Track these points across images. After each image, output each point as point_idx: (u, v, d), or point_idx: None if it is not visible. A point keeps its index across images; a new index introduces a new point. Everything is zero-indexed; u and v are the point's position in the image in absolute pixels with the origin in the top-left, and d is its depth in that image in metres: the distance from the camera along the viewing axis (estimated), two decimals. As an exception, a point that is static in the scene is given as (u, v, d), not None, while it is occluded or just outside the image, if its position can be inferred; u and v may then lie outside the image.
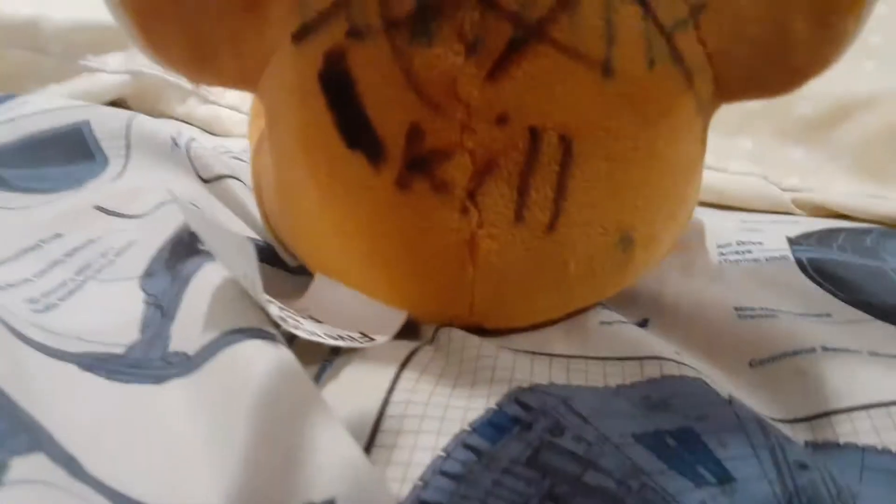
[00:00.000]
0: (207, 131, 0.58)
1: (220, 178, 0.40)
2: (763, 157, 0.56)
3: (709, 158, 0.56)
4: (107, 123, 0.43)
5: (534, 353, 0.28)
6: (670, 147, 0.27)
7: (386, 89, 0.25)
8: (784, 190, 0.54)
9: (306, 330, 0.24)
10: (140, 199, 0.38)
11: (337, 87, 0.25)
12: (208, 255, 0.29)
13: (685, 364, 0.27)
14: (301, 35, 0.26)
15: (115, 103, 0.55)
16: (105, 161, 0.42)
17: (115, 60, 0.56)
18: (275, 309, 0.24)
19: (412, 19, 0.24)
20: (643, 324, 0.33)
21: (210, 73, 0.28)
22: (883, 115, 0.55)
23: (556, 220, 0.26)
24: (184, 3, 0.26)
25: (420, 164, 0.25)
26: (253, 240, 0.37)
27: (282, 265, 0.35)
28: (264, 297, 0.24)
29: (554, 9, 0.24)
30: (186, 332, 0.24)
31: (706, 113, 0.28)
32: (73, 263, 0.31)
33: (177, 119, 0.59)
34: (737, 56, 0.26)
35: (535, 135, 0.25)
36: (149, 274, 0.31)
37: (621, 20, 0.24)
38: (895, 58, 0.62)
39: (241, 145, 0.51)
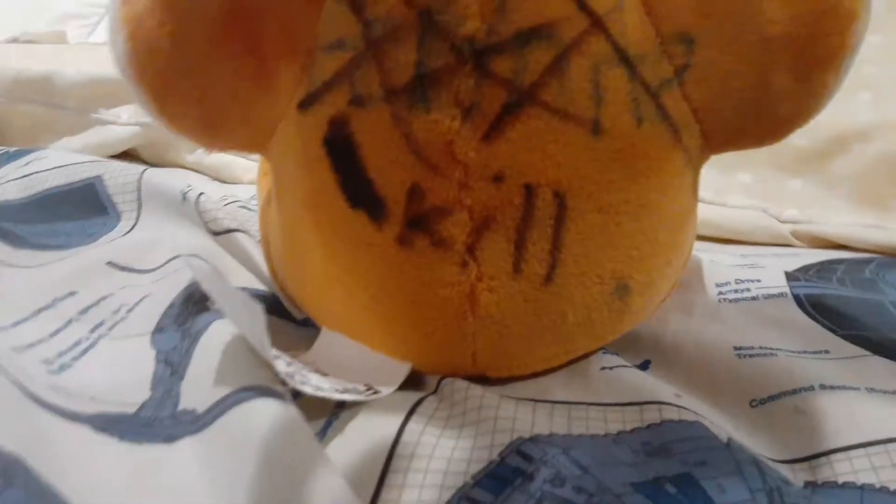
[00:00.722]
0: (217, 178, 0.60)
1: (228, 231, 0.42)
2: (762, 190, 0.57)
3: (708, 193, 0.57)
4: (118, 178, 0.44)
5: (536, 400, 0.28)
6: (662, 199, 0.27)
7: (387, 152, 0.26)
8: (783, 222, 0.55)
9: (313, 385, 0.25)
10: (151, 253, 0.39)
11: (341, 151, 0.26)
12: (218, 312, 0.30)
13: (684, 408, 0.27)
14: (307, 103, 0.27)
15: (127, 153, 0.56)
16: (117, 215, 0.43)
17: (126, 112, 0.58)
18: (282, 364, 0.25)
19: (411, 88, 0.25)
20: (645, 366, 0.33)
21: (220, 139, 0.30)
22: (879, 146, 0.56)
23: (553, 271, 0.27)
24: (197, 76, 0.27)
25: (420, 221, 0.26)
26: (261, 292, 0.38)
27: (289, 317, 0.36)
28: (272, 354, 0.25)
29: (544, 74, 0.25)
30: (196, 390, 0.25)
31: (695, 165, 0.29)
32: (86, 321, 0.32)
33: (187, 167, 0.60)
34: (722, 111, 0.27)
35: (530, 191, 0.26)
36: (160, 330, 0.31)
37: (608, 82, 0.25)
38: (890, 88, 0.63)
39: (249, 192, 0.53)
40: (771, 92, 0.27)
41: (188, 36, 0.27)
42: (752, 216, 0.55)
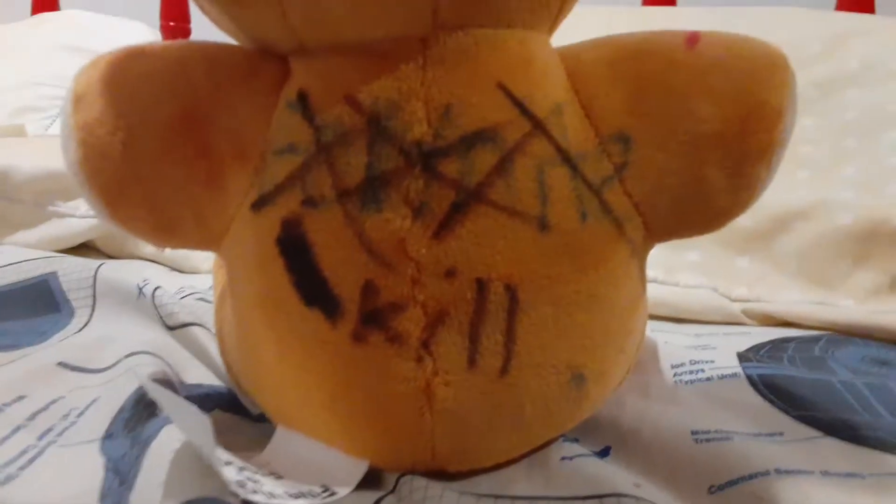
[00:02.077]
0: (175, 269, 0.59)
1: (185, 325, 0.41)
2: (711, 269, 0.59)
3: (659, 273, 0.59)
4: (73, 274, 0.44)
5: (496, 496, 0.28)
6: (610, 289, 0.28)
7: (340, 251, 0.26)
8: (734, 300, 0.56)
9: (265, 493, 0.25)
10: (104, 351, 0.39)
11: (294, 250, 0.27)
12: (168, 418, 0.29)
13: (644, 499, 0.27)
14: (259, 205, 0.27)
15: (85, 245, 0.56)
16: (71, 312, 0.43)
17: (84, 205, 0.58)
18: (233, 472, 0.25)
19: (362, 189, 0.26)
20: (605, 452, 0.33)
21: (174, 240, 0.30)
22: (819, 224, 0.58)
23: (508, 364, 0.27)
24: (149, 182, 0.28)
25: (375, 317, 0.26)
26: (216, 388, 0.37)
27: (245, 413, 0.35)
28: (223, 461, 0.24)
29: (490, 174, 0.26)
30: (145, 501, 0.25)
31: (640, 254, 0.30)
32: (34, 428, 0.31)
33: (145, 259, 0.60)
34: (660, 204, 0.28)
35: (481, 286, 0.26)
36: (109, 436, 0.31)
37: (552, 181, 0.26)
38: (826, 166, 0.66)
39: (207, 283, 0.52)
40: (706, 186, 0.28)
41: (139, 143, 0.27)
42: (703, 295, 0.56)
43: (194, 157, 0.28)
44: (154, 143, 0.27)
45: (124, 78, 0.28)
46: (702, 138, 0.28)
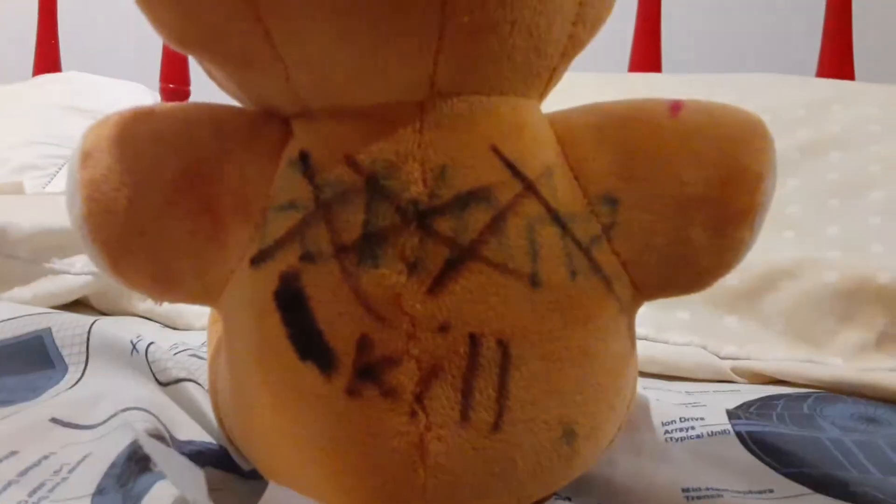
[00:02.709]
0: (169, 326, 0.60)
1: (178, 381, 0.41)
2: (700, 327, 0.60)
3: (650, 331, 0.59)
4: (67, 330, 0.44)
5: (488, 553, 0.28)
6: (600, 344, 0.29)
7: (336, 305, 0.27)
8: (723, 358, 0.57)
9: (259, 548, 0.25)
10: (96, 407, 0.39)
11: (291, 304, 0.27)
12: (160, 474, 0.29)
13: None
14: (259, 259, 0.28)
15: (79, 302, 0.56)
16: (64, 368, 0.43)
17: (80, 262, 0.59)
18: (228, 527, 0.25)
19: (359, 245, 0.27)
20: (597, 510, 0.33)
21: (173, 294, 0.30)
22: (805, 283, 0.59)
23: (500, 418, 0.27)
24: (150, 235, 0.28)
25: (369, 371, 0.27)
26: (208, 444, 0.37)
27: (236, 469, 0.35)
28: None
29: (483, 232, 0.27)
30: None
31: (629, 312, 0.31)
32: (26, 483, 0.31)
33: (139, 315, 0.60)
34: (647, 264, 0.29)
35: (474, 341, 0.27)
36: (100, 491, 0.31)
37: (543, 239, 0.27)
38: (811, 226, 0.67)
39: (200, 339, 0.53)
40: (691, 247, 0.29)
41: (144, 199, 0.28)
42: (693, 353, 0.57)
43: (198, 213, 0.29)
44: (158, 199, 0.28)
45: (132, 137, 0.29)
46: (686, 200, 0.29)
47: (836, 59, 0.93)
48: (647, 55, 0.99)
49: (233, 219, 0.29)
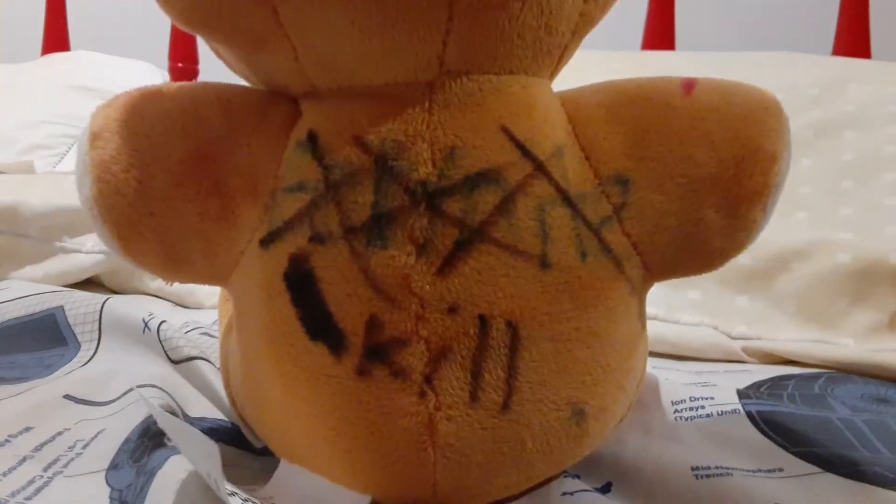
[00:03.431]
0: (180, 304, 0.60)
1: (189, 359, 0.42)
2: (711, 307, 0.59)
3: (660, 311, 0.59)
4: (80, 308, 0.45)
5: (497, 531, 0.28)
6: (610, 326, 0.29)
7: (346, 287, 0.27)
8: (734, 338, 0.57)
9: (270, 525, 0.25)
10: (109, 384, 0.39)
11: (301, 285, 0.27)
12: (174, 448, 0.30)
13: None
14: (268, 240, 0.28)
15: (91, 281, 0.56)
16: (77, 346, 0.43)
17: (91, 241, 0.59)
18: (238, 502, 0.25)
19: (368, 226, 0.27)
20: (606, 488, 0.33)
21: (183, 274, 0.31)
22: (817, 264, 0.59)
23: (509, 399, 0.28)
24: (161, 217, 0.28)
25: (379, 352, 0.27)
26: (220, 421, 0.38)
27: (248, 446, 0.36)
28: (227, 492, 0.25)
29: (493, 213, 0.27)
30: (153, 532, 0.25)
31: (640, 293, 0.30)
32: (41, 459, 0.32)
33: (150, 294, 0.60)
34: (658, 244, 0.29)
35: (484, 322, 0.27)
36: (114, 466, 0.31)
37: (553, 220, 0.27)
38: (823, 207, 0.67)
39: (211, 318, 0.53)
40: (703, 228, 0.29)
41: (153, 180, 0.28)
42: (704, 333, 0.56)
43: (207, 194, 0.29)
44: (168, 180, 0.28)
45: (140, 117, 0.29)
46: (699, 181, 0.28)
47: (853, 38, 0.92)
48: (660, 33, 0.98)
49: (242, 200, 0.29)
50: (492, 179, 0.27)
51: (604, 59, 0.75)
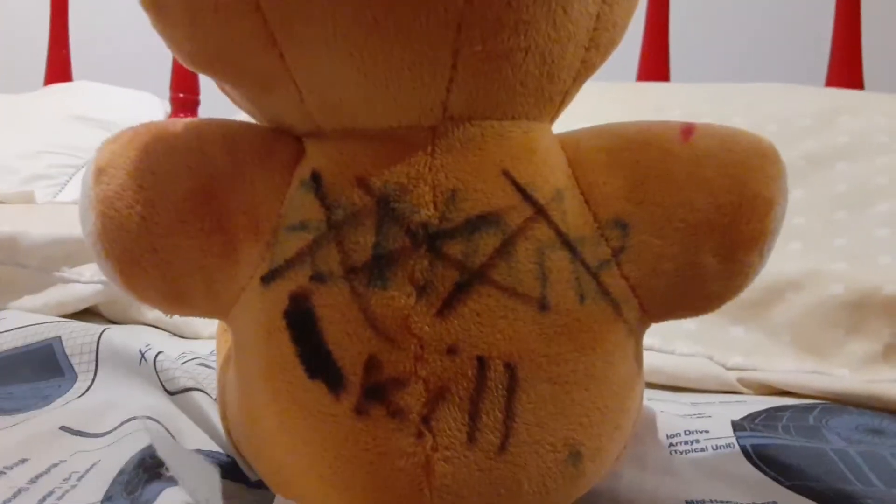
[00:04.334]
0: (177, 334, 0.60)
1: (186, 390, 0.42)
2: (706, 337, 0.60)
3: (656, 341, 0.59)
4: (77, 339, 0.45)
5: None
6: (607, 368, 0.29)
7: (346, 326, 0.27)
8: (729, 369, 0.57)
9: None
10: (105, 415, 0.39)
11: (301, 323, 0.28)
12: (168, 481, 0.30)
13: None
14: (269, 278, 0.28)
15: (88, 311, 0.56)
16: (74, 377, 0.43)
17: (89, 271, 0.59)
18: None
19: (369, 267, 0.27)
20: (602, 525, 0.33)
21: (184, 308, 0.31)
22: (812, 294, 0.59)
23: (506, 440, 0.28)
24: (164, 253, 0.29)
25: (377, 392, 0.27)
26: (215, 454, 0.38)
27: (243, 479, 0.36)
28: None
29: (493, 256, 0.27)
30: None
31: (637, 334, 0.31)
32: (36, 491, 0.32)
33: (148, 324, 0.60)
34: (656, 288, 0.29)
35: (482, 363, 0.27)
36: (108, 498, 0.31)
37: (552, 263, 0.27)
38: (817, 237, 0.67)
39: (209, 348, 0.53)
40: (700, 272, 0.29)
41: (157, 217, 0.29)
42: (699, 364, 0.57)
43: (210, 231, 0.29)
44: (172, 217, 0.29)
45: (145, 154, 0.29)
46: (697, 226, 0.29)
47: (846, 69, 0.93)
48: (655, 64, 0.99)
49: (244, 237, 0.29)
50: (492, 222, 0.27)
51: (600, 90, 0.76)
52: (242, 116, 0.31)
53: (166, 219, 0.29)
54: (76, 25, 1.26)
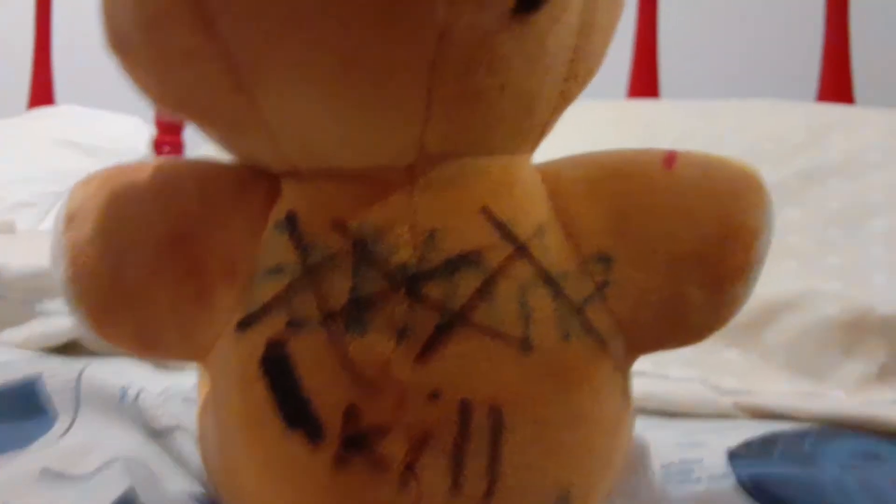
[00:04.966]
0: (161, 366, 0.59)
1: (168, 429, 0.41)
2: (700, 361, 0.59)
3: (648, 365, 0.58)
4: (58, 376, 0.44)
5: None
6: (595, 406, 0.28)
7: (324, 373, 0.26)
8: (724, 393, 0.56)
9: None
10: (86, 457, 0.38)
11: (278, 371, 0.27)
12: None
13: None
14: (245, 324, 0.28)
15: (70, 344, 0.55)
16: (55, 416, 0.43)
17: (71, 303, 0.58)
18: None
19: (347, 312, 0.26)
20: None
21: (158, 354, 0.31)
22: (806, 315, 0.59)
23: (493, 486, 0.27)
24: (136, 299, 0.28)
25: (357, 441, 0.26)
26: (199, 496, 0.37)
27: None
28: None
29: (473, 297, 0.26)
30: None
31: (624, 369, 0.30)
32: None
33: (131, 356, 0.59)
34: (642, 321, 0.29)
35: (465, 408, 0.26)
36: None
37: (535, 302, 0.27)
38: (812, 256, 0.67)
39: (193, 380, 0.52)
40: (686, 304, 0.29)
41: (129, 263, 0.28)
42: (693, 390, 0.56)
43: (183, 276, 0.28)
44: (143, 262, 0.28)
45: (116, 198, 0.29)
46: (681, 258, 0.28)
47: (836, 83, 0.93)
48: (644, 80, 0.99)
49: (219, 282, 0.28)
50: (472, 262, 0.27)
51: (589, 109, 0.75)
52: (219, 160, 0.31)
53: (138, 265, 0.28)
54: (59, 48, 1.26)
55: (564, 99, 0.29)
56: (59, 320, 0.53)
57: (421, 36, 0.24)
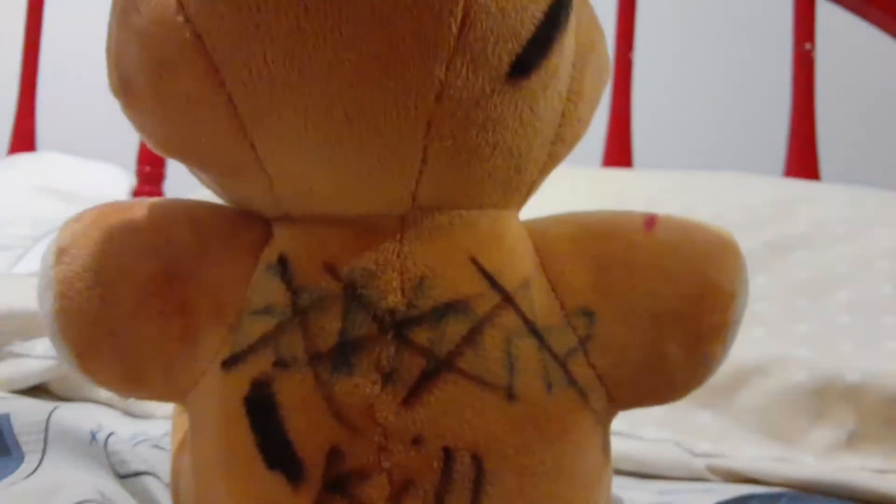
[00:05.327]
0: (129, 414, 0.58)
1: (136, 474, 0.40)
2: (674, 422, 0.59)
3: (623, 425, 0.59)
4: (26, 417, 0.43)
5: None
6: (575, 459, 0.29)
7: (308, 414, 0.26)
8: (697, 455, 0.57)
9: None
10: (53, 498, 0.37)
11: (261, 411, 0.27)
12: None
13: None
14: (231, 363, 0.28)
15: (39, 388, 0.54)
16: (21, 457, 0.41)
17: (41, 345, 0.57)
18: None
19: (334, 354, 0.26)
20: None
21: (141, 392, 0.30)
22: (776, 380, 0.59)
23: (472, 535, 0.27)
24: (121, 336, 0.28)
25: (339, 484, 0.26)
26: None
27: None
28: None
29: (460, 344, 0.27)
30: None
31: (604, 423, 0.31)
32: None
33: (100, 402, 0.58)
34: (623, 377, 0.29)
35: (448, 454, 0.26)
36: None
37: (520, 352, 0.27)
38: (780, 322, 0.68)
39: (162, 429, 0.51)
40: (665, 361, 0.30)
41: (117, 299, 0.28)
42: (667, 451, 0.56)
43: (171, 313, 0.28)
44: (132, 299, 0.28)
45: (108, 234, 0.29)
46: (661, 316, 0.29)
47: (802, 160, 0.97)
48: (619, 150, 1.02)
49: (206, 320, 0.28)
50: (460, 310, 0.27)
51: (566, 175, 0.77)
52: (206, 192, 0.31)
53: (127, 301, 0.28)
54: (42, 95, 1.26)
55: (552, 160, 0.30)
56: (29, 362, 0.52)
57: (420, 94, 0.25)
